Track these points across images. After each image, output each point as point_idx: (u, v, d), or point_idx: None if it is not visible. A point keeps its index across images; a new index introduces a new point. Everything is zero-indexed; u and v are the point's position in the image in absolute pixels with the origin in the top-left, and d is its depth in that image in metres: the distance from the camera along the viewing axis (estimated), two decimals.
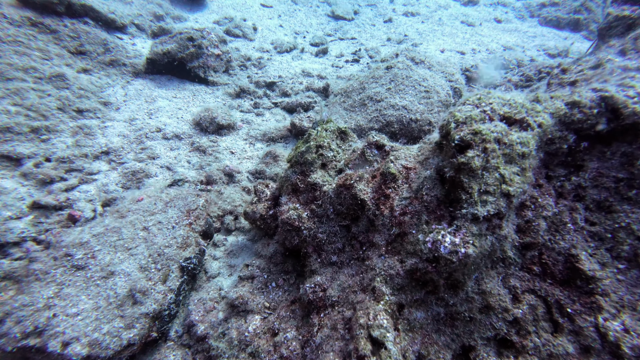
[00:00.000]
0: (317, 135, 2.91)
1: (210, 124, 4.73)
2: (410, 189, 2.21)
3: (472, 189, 1.81)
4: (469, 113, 1.98)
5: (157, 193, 3.51)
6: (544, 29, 10.41)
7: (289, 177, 2.93)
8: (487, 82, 6.19)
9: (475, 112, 1.99)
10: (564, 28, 10.45)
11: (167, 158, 4.35)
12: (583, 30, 10.26)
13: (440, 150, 2.22)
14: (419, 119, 3.84)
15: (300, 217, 2.65)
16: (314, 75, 6.53)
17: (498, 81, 6.24)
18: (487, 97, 2.07)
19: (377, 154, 2.59)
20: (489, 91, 2.14)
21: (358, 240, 2.45)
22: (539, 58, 7.90)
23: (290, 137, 4.85)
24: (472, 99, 2.09)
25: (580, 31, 10.29)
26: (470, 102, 2.07)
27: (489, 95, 2.10)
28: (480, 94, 2.11)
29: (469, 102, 2.08)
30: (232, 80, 5.89)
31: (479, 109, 2.01)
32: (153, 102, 5.07)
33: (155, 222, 3.12)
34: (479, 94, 2.11)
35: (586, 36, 10.06)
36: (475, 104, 2.05)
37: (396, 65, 4.35)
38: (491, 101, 2.05)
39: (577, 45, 8.87)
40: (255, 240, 3.30)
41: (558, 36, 9.86)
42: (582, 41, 9.64)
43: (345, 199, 2.48)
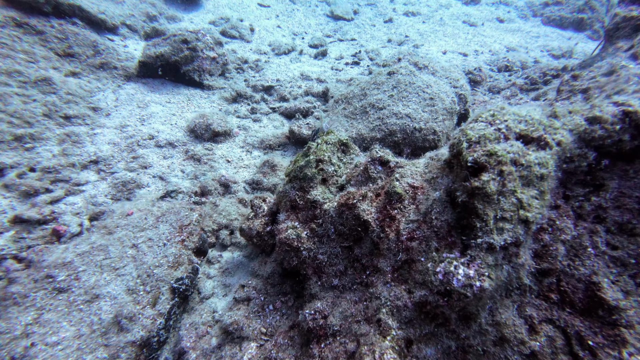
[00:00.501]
0: (317, 149, 2.74)
1: (205, 131, 4.55)
2: (417, 211, 2.05)
3: (488, 215, 1.65)
4: (482, 132, 1.82)
5: (148, 206, 3.33)
6: (547, 28, 10.29)
7: (287, 193, 2.77)
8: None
9: (489, 130, 1.83)
10: (567, 28, 10.34)
11: (160, 167, 4.17)
12: (587, 30, 10.15)
13: (450, 170, 2.07)
14: (423, 128, 3.69)
15: (299, 237, 2.49)
16: (313, 78, 6.35)
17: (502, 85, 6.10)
18: (501, 114, 1.92)
19: (381, 171, 2.43)
20: (502, 106, 1.98)
21: (361, 263, 2.29)
22: (543, 59, 7.77)
23: (289, 145, 4.68)
24: (485, 115, 1.93)
25: (584, 31, 10.18)
26: (484, 119, 1.91)
27: (503, 111, 1.94)
28: (493, 110, 1.95)
29: (482, 118, 1.92)
30: (228, 84, 5.71)
31: (493, 127, 1.86)
32: (145, 107, 4.89)
33: (146, 239, 2.94)
34: (492, 110, 1.96)
35: (590, 36, 9.95)
36: (488, 121, 1.90)
37: (399, 71, 4.19)
38: (506, 118, 1.89)
39: (582, 46, 8.76)
40: (251, 257, 3.13)
41: (562, 36, 9.74)
42: (586, 41, 9.53)
43: (348, 220, 2.32)
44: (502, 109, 1.96)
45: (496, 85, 6.24)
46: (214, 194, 3.90)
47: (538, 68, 6.38)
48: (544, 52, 8.37)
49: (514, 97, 5.08)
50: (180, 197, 3.80)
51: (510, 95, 5.12)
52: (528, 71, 6.48)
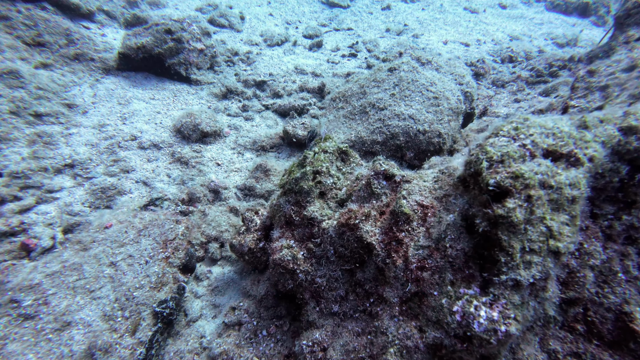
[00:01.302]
0: (314, 159, 2.48)
1: (193, 131, 4.23)
2: (428, 235, 1.82)
3: (513, 248, 1.43)
4: (505, 149, 1.58)
5: (129, 217, 3.05)
6: (551, 14, 10.02)
7: (281, 207, 2.52)
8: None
9: (512, 147, 1.59)
10: (571, 13, 10.09)
11: (144, 171, 3.86)
12: (592, 16, 9.91)
13: (465, 189, 1.83)
14: (428, 130, 3.44)
15: (295, 258, 2.25)
16: (308, 72, 6.02)
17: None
18: (525, 126, 1.68)
19: (386, 186, 2.19)
20: (526, 117, 1.74)
21: (364, 289, 2.07)
22: (547, 48, 7.53)
23: (283, 146, 4.40)
24: (507, 128, 1.69)
25: (588, 16, 9.94)
26: (505, 133, 1.67)
27: (527, 122, 1.70)
28: (516, 122, 1.71)
29: (504, 132, 1.68)
30: (217, 79, 5.35)
31: (517, 143, 1.62)
32: (127, 104, 4.52)
33: (125, 256, 2.67)
34: (515, 122, 1.72)
35: (595, 22, 9.72)
36: (511, 136, 1.65)
37: (400, 67, 3.90)
38: (531, 132, 1.66)
39: (586, 33, 8.53)
40: (243, 274, 2.90)
41: (566, 22, 9.49)
42: (590, 27, 9.30)
43: (349, 241, 2.08)
44: (525, 120, 1.72)
45: (500, 78, 6.00)
46: (203, 201, 3.63)
47: (543, 58, 6.14)
48: (548, 40, 8.12)
49: (521, 91, 4.85)
50: (166, 205, 3.51)
51: (517, 90, 4.89)
52: (533, 62, 6.24)
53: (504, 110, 4.45)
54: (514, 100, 4.65)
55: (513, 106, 4.50)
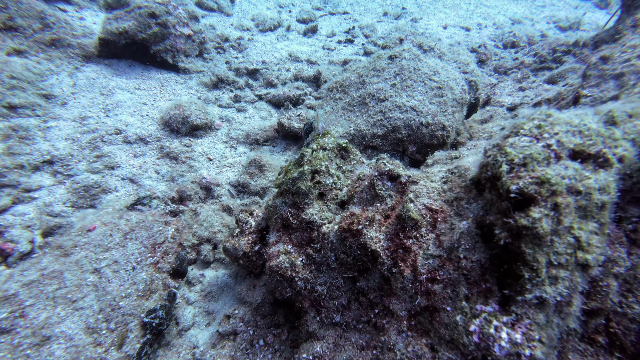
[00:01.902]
0: (312, 157, 2.29)
1: (182, 124, 3.99)
2: (439, 243, 1.67)
3: (539, 263, 1.28)
4: (527, 150, 1.41)
5: (114, 219, 2.85)
6: None
7: (277, 208, 2.34)
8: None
9: (536, 148, 1.43)
10: None
11: (130, 167, 3.63)
12: None
13: (479, 193, 1.67)
14: (431, 123, 3.26)
15: (293, 265, 2.10)
16: (303, 59, 5.73)
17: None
18: (549, 124, 1.51)
19: (391, 187, 2.02)
20: (549, 113, 1.57)
21: (367, 298, 1.93)
22: (550, 32, 7.31)
23: (278, 139, 4.18)
24: (529, 126, 1.51)
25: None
26: (527, 132, 1.50)
27: (550, 119, 1.53)
28: (538, 119, 1.53)
29: (525, 131, 1.51)
30: (207, 67, 5.05)
31: (541, 143, 1.45)
32: (110, 94, 4.24)
33: (110, 262, 2.49)
34: (536, 118, 1.54)
35: (597, 4, 9.48)
36: (534, 135, 1.48)
37: (402, 55, 3.68)
38: (556, 130, 1.49)
39: (589, 16, 8.31)
40: (238, 278, 2.74)
41: (568, 5, 9.24)
42: (593, 10, 9.07)
43: (351, 248, 1.92)
44: (548, 117, 1.55)
45: (502, 64, 5.79)
46: (194, 199, 3.43)
47: (547, 43, 5.94)
48: (550, 23, 7.89)
49: (526, 79, 4.66)
50: (155, 204, 3.31)
51: (522, 78, 4.70)
52: (536, 47, 6.04)
53: (509, 100, 4.28)
54: (519, 88, 4.47)
55: (518, 95, 4.32)
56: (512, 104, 4.13)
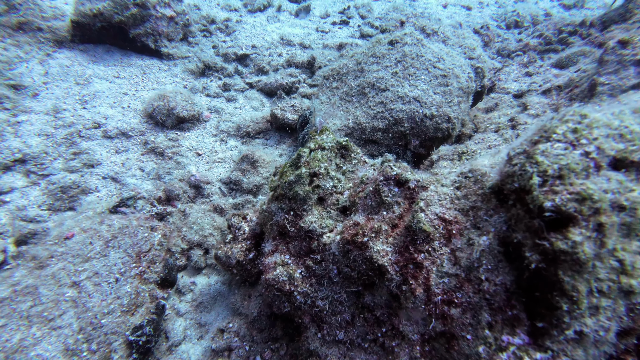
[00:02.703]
0: (309, 158, 2.07)
1: (167, 116, 3.69)
2: (454, 260, 1.50)
3: (579, 292, 1.12)
4: (563, 160, 1.22)
5: (94, 224, 2.61)
6: None
7: (273, 214, 2.14)
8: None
9: (573, 156, 1.23)
10: None
11: (112, 165, 3.36)
12: None
13: (500, 203, 1.49)
14: (435, 115, 3.04)
15: (291, 278, 1.92)
16: (296, 43, 5.37)
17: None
18: (586, 127, 1.30)
19: (398, 193, 1.82)
20: (584, 113, 1.36)
21: (374, 315, 1.78)
22: (554, 11, 7.01)
23: (271, 131, 3.92)
24: (563, 130, 1.31)
25: None
26: (561, 137, 1.30)
27: (587, 122, 1.33)
28: (573, 121, 1.33)
29: (558, 136, 1.30)
30: (193, 52, 4.68)
31: (578, 151, 1.26)
32: (87, 84, 3.89)
33: (91, 274, 2.28)
34: (571, 121, 1.34)
35: None
36: (569, 141, 1.28)
37: (403, 40, 3.39)
38: (594, 134, 1.29)
39: None
40: (232, 285, 2.57)
41: None
42: None
43: (356, 262, 1.75)
44: (584, 118, 1.35)
45: (506, 46, 5.53)
46: (183, 198, 3.20)
47: (552, 23, 5.67)
48: (554, 1, 7.56)
49: (532, 63, 4.43)
50: (140, 205, 3.07)
51: (528, 62, 4.46)
52: (540, 27, 5.77)
53: (515, 86, 4.06)
54: (525, 73, 4.25)
55: (524, 81, 4.10)
56: (519, 91, 3.91)
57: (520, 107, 3.59)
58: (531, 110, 3.32)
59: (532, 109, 3.33)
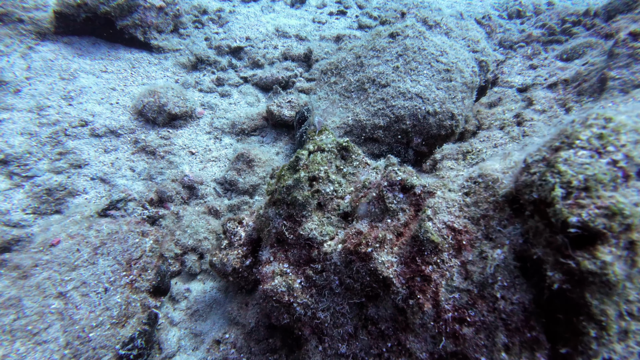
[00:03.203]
0: (309, 161, 1.94)
1: (158, 113, 3.52)
2: (466, 274, 1.40)
3: (608, 317, 1.02)
4: (589, 170, 1.11)
5: (82, 230, 2.48)
6: None
7: (270, 220, 2.02)
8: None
9: (600, 165, 1.12)
10: None
11: (100, 165, 3.21)
12: None
13: (515, 213, 1.38)
14: (438, 112, 2.91)
15: (291, 288, 1.81)
16: (292, 35, 5.18)
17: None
18: (612, 132, 1.19)
19: (403, 200, 1.71)
20: (608, 116, 1.25)
21: (378, 328, 1.68)
22: (556, 0, 6.84)
23: (268, 128, 3.77)
24: (587, 135, 1.20)
25: None
26: (585, 144, 1.18)
27: (612, 126, 1.21)
28: (597, 125, 1.22)
29: (582, 142, 1.19)
30: (184, 45, 4.47)
31: (605, 159, 1.14)
32: (72, 79, 3.69)
33: (78, 284, 2.17)
34: (594, 125, 1.22)
35: None
36: (594, 148, 1.17)
37: (405, 33, 3.24)
38: (622, 141, 1.18)
39: None
40: (228, 292, 2.46)
41: None
42: None
43: (359, 274, 1.64)
44: (608, 122, 1.23)
45: (508, 37, 5.37)
46: (176, 200, 3.07)
47: (555, 13, 5.52)
48: None
49: (537, 55, 4.29)
50: (131, 208, 2.94)
51: (532, 54, 4.32)
52: (543, 17, 5.61)
53: (519, 79, 3.93)
54: (529, 66, 4.11)
55: (529, 74, 3.97)
56: (523, 85, 3.78)
57: (525, 102, 3.47)
58: (537, 105, 3.20)
59: (537, 104, 3.22)
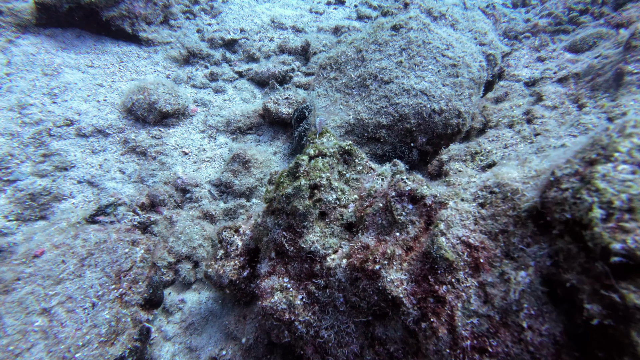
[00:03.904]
0: (309, 168, 1.80)
1: (148, 111, 3.33)
2: (485, 297, 1.27)
3: None
4: (633, 188, 0.97)
5: (67, 239, 2.33)
6: None
7: (269, 230, 1.89)
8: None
9: None
10: None
11: (88, 167, 3.04)
12: None
13: (540, 230, 1.25)
14: (444, 109, 2.75)
15: (292, 305, 1.69)
16: (288, 26, 4.95)
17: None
18: None
19: (413, 211, 1.57)
20: None
21: (386, 349, 1.57)
22: None
23: (264, 125, 3.60)
24: (627, 147, 1.06)
25: None
26: (626, 158, 1.04)
27: None
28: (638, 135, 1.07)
29: (621, 155, 1.05)
30: (175, 37, 4.25)
31: None
32: (56, 75, 3.48)
33: (63, 299, 2.03)
34: (634, 134, 1.08)
35: None
36: (637, 162, 1.03)
37: (408, 25, 3.05)
38: None
39: None
40: (225, 303, 2.34)
41: None
42: None
43: (366, 292, 1.52)
44: None
45: (513, 27, 5.18)
46: (169, 204, 2.91)
47: (561, 1, 5.33)
48: None
49: (544, 47, 4.12)
50: (121, 213, 2.78)
51: (540, 45, 4.15)
52: (549, 5, 5.42)
53: (526, 73, 3.77)
54: (537, 58, 3.95)
55: (536, 67, 3.81)
56: (531, 79, 3.63)
57: (533, 96, 3.32)
58: (547, 101, 3.05)
59: (548, 99, 3.07)
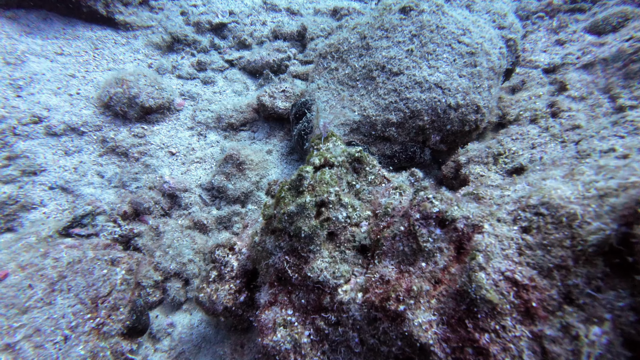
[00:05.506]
0: (315, 181, 1.51)
1: (129, 106, 2.97)
2: (542, 354, 1.03)
3: None
4: None
5: (35, 258, 2.04)
6: None
7: (269, 253, 1.62)
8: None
9: None
10: None
11: (60, 171, 2.70)
12: None
13: (613, 271, 1.00)
14: (461, 104, 2.46)
15: (297, 345, 1.44)
16: (282, 8, 4.52)
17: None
18: None
19: (441, 237, 1.31)
20: None
21: None
22: None
23: (259, 121, 3.27)
24: None
25: None
26: None
27: None
28: None
29: None
30: (157, 20, 3.81)
31: None
32: (20, 64, 3.07)
33: (30, 331, 1.76)
34: None
35: None
36: None
37: (419, 7, 2.70)
38: None
39: None
40: (219, 327, 2.09)
41: None
42: None
43: (387, 335, 1.27)
44: None
45: (525, 6, 4.80)
46: (155, 212, 2.61)
47: None
48: None
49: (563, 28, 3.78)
50: (100, 224, 2.48)
51: (558, 27, 3.81)
52: None
53: (544, 58, 3.47)
54: (556, 41, 3.63)
55: (556, 51, 3.50)
56: (551, 64, 3.32)
57: (554, 85, 3.03)
58: (572, 91, 2.76)
59: (573, 89, 2.78)
